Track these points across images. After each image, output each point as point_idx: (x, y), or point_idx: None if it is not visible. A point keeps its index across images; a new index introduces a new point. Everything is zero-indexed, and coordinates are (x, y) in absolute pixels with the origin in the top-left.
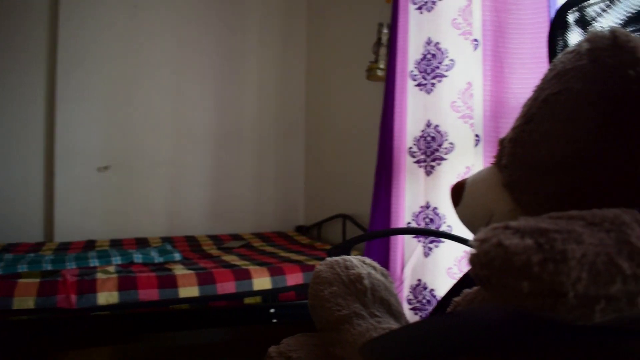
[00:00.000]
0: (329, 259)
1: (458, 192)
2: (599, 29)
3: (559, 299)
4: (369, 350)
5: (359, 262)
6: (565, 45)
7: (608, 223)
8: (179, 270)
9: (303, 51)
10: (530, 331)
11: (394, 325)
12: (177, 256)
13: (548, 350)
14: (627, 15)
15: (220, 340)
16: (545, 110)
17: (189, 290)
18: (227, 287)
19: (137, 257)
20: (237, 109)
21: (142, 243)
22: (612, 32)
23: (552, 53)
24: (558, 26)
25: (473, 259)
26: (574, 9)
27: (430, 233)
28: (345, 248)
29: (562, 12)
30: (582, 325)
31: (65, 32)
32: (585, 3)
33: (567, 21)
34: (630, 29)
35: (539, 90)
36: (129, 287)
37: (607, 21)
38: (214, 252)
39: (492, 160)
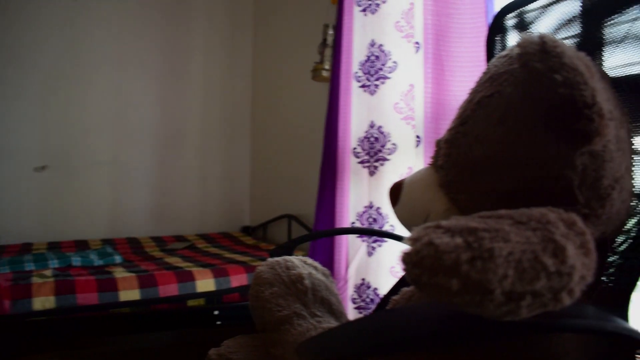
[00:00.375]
0: (270, 259)
1: (396, 192)
2: (530, 34)
3: (487, 296)
4: (305, 350)
5: (300, 263)
6: (503, 49)
7: (534, 222)
8: (120, 273)
9: (249, 50)
10: (459, 328)
11: (334, 324)
12: (117, 259)
13: (476, 345)
14: (560, 21)
15: (163, 344)
16: (479, 112)
17: (130, 294)
18: (169, 289)
19: (76, 260)
20: (181, 107)
21: (81, 246)
22: (541, 37)
23: (489, 56)
24: (495, 31)
25: (405, 258)
26: (511, 14)
27: (372, 233)
28: (287, 248)
29: (499, 17)
30: (507, 322)
31: None
32: (521, 9)
33: (504, 26)
34: (563, 34)
35: (474, 92)
36: (66, 291)
37: (542, 26)
38: (157, 254)
39: (430, 160)
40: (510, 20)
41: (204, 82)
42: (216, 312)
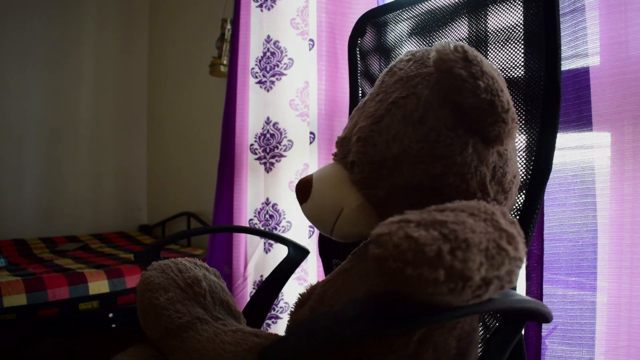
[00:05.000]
0: (156, 263)
1: (305, 188)
2: (446, 43)
3: (467, 284)
4: (275, 353)
5: (191, 264)
6: (365, 50)
7: (483, 213)
8: (4, 277)
9: (145, 43)
10: (412, 316)
11: (241, 326)
12: (1, 262)
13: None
14: (414, 29)
15: (54, 351)
16: (395, 112)
17: (15, 299)
18: (59, 293)
19: None
20: (71, 101)
21: None
22: (460, 46)
23: (352, 57)
24: (358, 34)
25: (382, 253)
26: (373, 19)
27: (241, 230)
28: (155, 249)
29: (362, 21)
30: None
31: None
32: (383, 16)
33: (365, 29)
34: (415, 39)
35: (384, 93)
36: None
37: (398, 31)
38: (47, 255)
39: (332, 157)
40: (370, 25)
41: (96, 74)
42: (111, 315)
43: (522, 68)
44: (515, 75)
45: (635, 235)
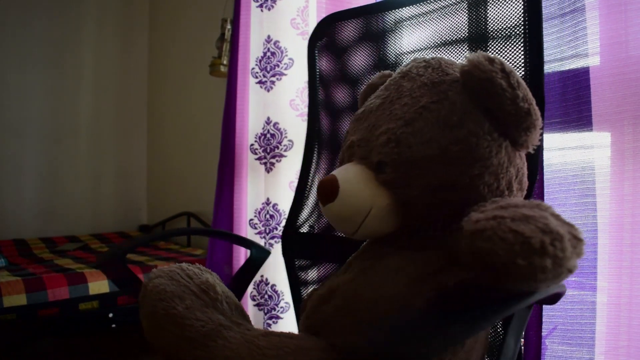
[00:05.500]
0: (159, 269)
1: (334, 188)
2: (478, 53)
3: (566, 270)
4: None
5: (197, 269)
6: (325, 52)
7: (545, 209)
8: (4, 277)
9: (145, 43)
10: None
11: (269, 330)
12: (2, 262)
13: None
14: (369, 34)
15: (54, 351)
16: (427, 115)
17: (15, 299)
18: (59, 293)
19: None
20: (71, 101)
21: None
22: (498, 59)
23: (311, 58)
24: (317, 37)
25: (491, 247)
26: (332, 24)
27: (201, 233)
28: (118, 255)
29: (321, 26)
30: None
31: None
32: (340, 22)
33: (324, 33)
34: (368, 42)
35: (408, 97)
36: None
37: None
38: (46, 255)
39: (346, 158)
40: (330, 29)
41: (96, 74)
42: (111, 315)
43: None
44: None
45: (635, 235)
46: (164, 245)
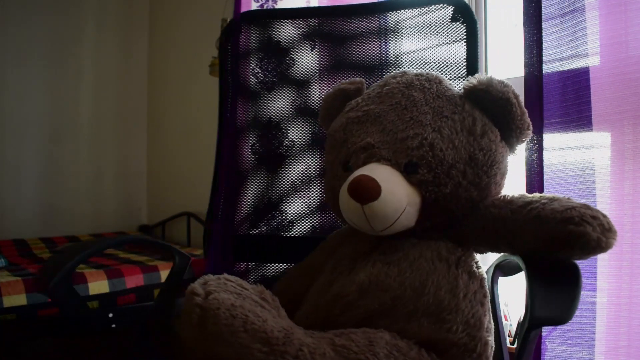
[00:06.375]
0: (200, 286)
1: (378, 187)
2: (481, 75)
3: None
4: None
5: (233, 277)
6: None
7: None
8: (4, 277)
9: (145, 44)
10: None
11: (319, 332)
12: (2, 262)
13: None
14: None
15: (54, 351)
16: (452, 124)
17: (15, 299)
18: None
19: None
20: (71, 100)
21: None
22: (505, 82)
23: (223, 55)
24: (231, 33)
25: (595, 232)
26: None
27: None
28: (65, 278)
29: (236, 22)
30: None
31: None
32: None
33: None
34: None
35: (428, 106)
36: None
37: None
38: (46, 255)
39: (369, 159)
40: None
41: (96, 74)
42: (111, 315)
43: None
44: None
45: (635, 235)
46: None
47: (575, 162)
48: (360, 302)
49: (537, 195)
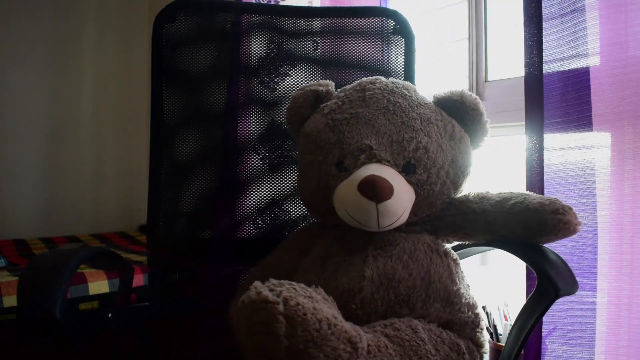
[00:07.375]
0: (258, 291)
1: (392, 187)
2: (457, 89)
3: None
4: None
5: (284, 280)
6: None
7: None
8: (4, 277)
9: (145, 43)
10: None
11: (365, 328)
12: (1, 262)
13: None
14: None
15: (54, 351)
16: (437, 130)
17: (15, 299)
18: None
19: None
20: (72, 100)
21: None
22: (464, 91)
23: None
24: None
25: (573, 219)
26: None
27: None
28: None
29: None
30: None
31: None
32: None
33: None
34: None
35: (414, 112)
36: None
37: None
38: None
39: (365, 160)
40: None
41: (96, 74)
42: (110, 315)
43: None
44: None
45: (635, 235)
46: None
47: (575, 162)
48: (376, 296)
49: (505, 191)
